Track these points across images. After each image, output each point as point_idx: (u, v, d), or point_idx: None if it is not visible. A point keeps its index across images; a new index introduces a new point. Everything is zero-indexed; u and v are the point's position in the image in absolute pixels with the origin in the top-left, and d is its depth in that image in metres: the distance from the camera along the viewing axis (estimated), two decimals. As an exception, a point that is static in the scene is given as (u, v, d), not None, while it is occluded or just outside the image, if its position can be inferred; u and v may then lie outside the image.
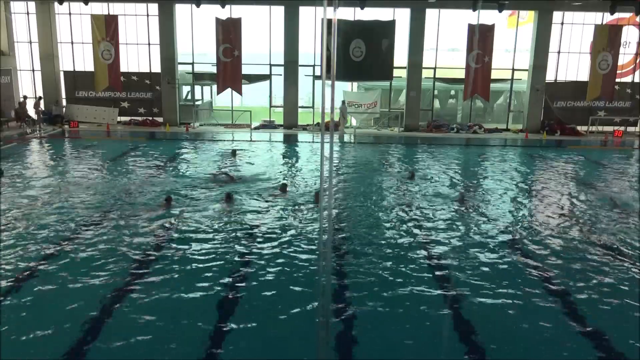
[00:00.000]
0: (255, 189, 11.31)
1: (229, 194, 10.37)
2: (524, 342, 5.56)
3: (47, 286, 6.47)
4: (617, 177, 13.80)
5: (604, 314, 6.17)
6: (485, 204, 10.70)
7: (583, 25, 21.11)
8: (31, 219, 8.90)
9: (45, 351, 5.18)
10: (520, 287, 6.76)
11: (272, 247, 7.99)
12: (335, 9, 2.93)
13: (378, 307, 6.14)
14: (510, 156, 16.88)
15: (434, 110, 22.79)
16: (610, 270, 7.35)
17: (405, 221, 9.42)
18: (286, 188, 11.08)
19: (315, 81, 21.43)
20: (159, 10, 20.38)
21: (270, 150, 16.84)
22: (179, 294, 6.31)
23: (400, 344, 5.45)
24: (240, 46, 20.00)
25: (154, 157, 14.96)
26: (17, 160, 14.11)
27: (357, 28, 19.79)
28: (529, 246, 8.29)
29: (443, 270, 7.35)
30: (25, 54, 21.37)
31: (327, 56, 3.64)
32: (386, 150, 17.53)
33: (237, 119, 21.85)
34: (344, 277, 6.96)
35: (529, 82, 21.23)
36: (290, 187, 11.43)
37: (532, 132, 20.93)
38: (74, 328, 5.53)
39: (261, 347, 5.33)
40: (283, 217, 9.44)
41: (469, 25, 20.04)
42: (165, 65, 20.84)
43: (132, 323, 5.67)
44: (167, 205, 9.75)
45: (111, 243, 7.90)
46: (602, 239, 8.60)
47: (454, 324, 5.92)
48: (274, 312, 5.98)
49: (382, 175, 13.26)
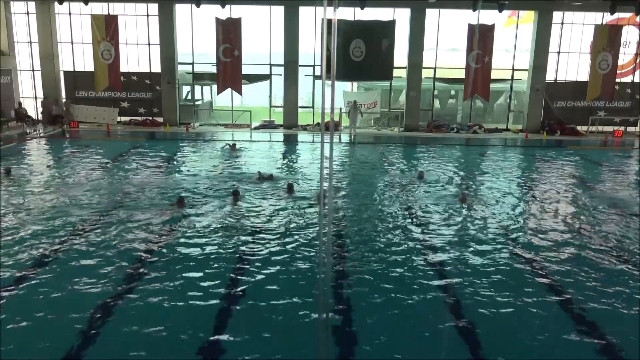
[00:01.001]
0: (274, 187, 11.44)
1: (235, 192, 10.61)
2: (525, 341, 5.57)
3: (46, 287, 6.48)
4: (616, 177, 13.81)
5: (604, 313, 6.19)
6: (487, 203, 10.70)
7: (583, 25, 21.12)
8: (30, 220, 8.91)
9: (50, 345, 5.19)
10: (520, 286, 6.77)
11: (277, 245, 8.02)
12: (335, 9, 2.93)
13: (378, 307, 6.15)
14: (510, 156, 16.88)
15: (434, 110, 22.79)
16: (609, 269, 7.37)
17: (414, 221, 9.43)
18: (293, 188, 11.10)
19: (315, 81, 21.44)
20: (159, 10, 20.38)
21: (288, 151, 17.01)
22: (179, 292, 6.33)
23: (400, 344, 5.45)
24: (240, 46, 20.01)
25: (156, 157, 14.98)
26: (17, 160, 14.09)
27: (357, 28, 19.80)
28: (530, 246, 8.29)
29: (445, 268, 7.36)
30: (25, 54, 21.38)
31: (327, 56, 3.64)
32: (392, 150, 17.49)
33: (237, 119, 21.86)
34: (346, 276, 6.98)
35: (529, 82, 21.23)
36: (301, 186, 11.57)
37: (532, 132, 20.94)
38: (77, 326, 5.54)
39: (261, 347, 5.34)
40: (288, 217, 9.45)
41: (469, 25, 20.04)
42: (165, 65, 20.84)
43: (131, 322, 5.69)
44: (180, 205, 9.79)
45: (124, 243, 7.96)
46: (603, 239, 8.60)
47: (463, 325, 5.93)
48: (273, 312, 5.99)
49: (390, 176, 13.27)
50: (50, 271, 6.92)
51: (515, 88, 22.30)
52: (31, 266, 7.04)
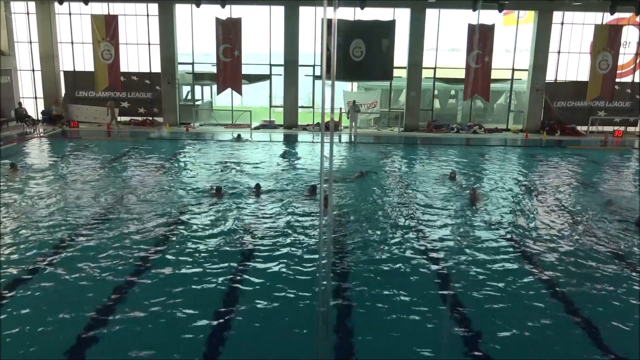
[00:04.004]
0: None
1: (258, 185, 10.97)
2: (527, 341, 5.57)
3: (48, 284, 6.48)
4: (616, 176, 13.82)
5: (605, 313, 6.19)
6: (489, 203, 10.71)
7: (583, 25, 21.11)
8: (36, 218, 8.94)
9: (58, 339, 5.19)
10: (521, 287, 6.77)
11: (279, 243, 8.03)
12: (335, 9, 2.93)
13: (379, 306, 6.15)
14: (510, 156, 16.88)
15: (434, 110, 22.78)
16: (608, 267, 7.37)
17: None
18: (315, 190, 10.90)
19: (315, 81, 21.44)
20: (159, 10, 20.38)
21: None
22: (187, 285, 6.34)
23: (400, 344, 5.45)
24: (240, 46, 20.00)
25: (157, 157, 15.02)
26: (17, 160, 14.10)
27: (357, 28, 19.79)
28: (531, 245, 8.29)
29: (446, 269, 7.36)
30: (25, 54, 21.37)
31: (327, 56, 3.63)
32: (392, 149, 17.51)
33: (237, 119, 21.85)
34: (347, 276, 6.98)
35: (529, 82, 21.23)
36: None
37: (532, 132, 20.93)
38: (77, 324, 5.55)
39: (261, 346, 5.34)
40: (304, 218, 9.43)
41: (469, 25, 20.03)
42: (165, 65, 20.84)
43: (131, 320, 5.69)
44: (218, 195, 10.23)
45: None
46: (602, 238, 8.61)
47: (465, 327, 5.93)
48: (274, 310, 5.99)
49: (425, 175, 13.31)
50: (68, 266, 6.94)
51: (515, 88, 22.29)
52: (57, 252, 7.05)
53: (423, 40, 20.57)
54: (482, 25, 20.39)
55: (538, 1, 20.20)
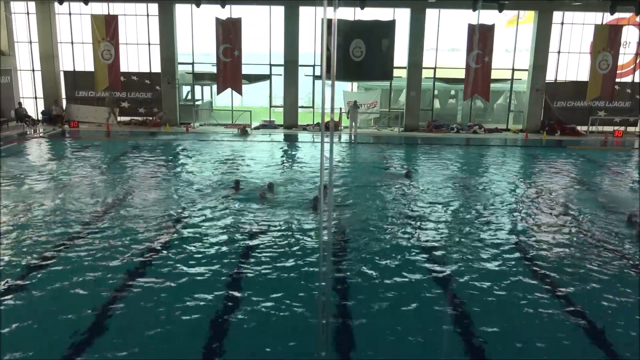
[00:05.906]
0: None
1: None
2: (527, 341, 5.57)
3: (48, 284, 6.49)
4: (616, 176, 13.81)
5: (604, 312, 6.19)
6: (486, 203, 10.71)
7: (583, 25, 21.11)
8: (36, 219, 8.94)
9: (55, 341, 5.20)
10: (521, 286, 6.77)
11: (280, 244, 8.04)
12: (335, 9, 2.93)
13: (378, 306, 6.15)
14: (510, 156, 16.87)
15: (434, 110, 22.79)
16: (607, 267, 7.37)
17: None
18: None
19: (315, 81, 21.44)
20: (159, 10, 20.38)
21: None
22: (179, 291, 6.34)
23: (401, 344, 5.46)
24: (240, 46, 20.01)
25: (160, 157, 15.02)
26: (17, 160, 14.10)
27: (357, 28, 19.80)
28: (532, 245, 8.30)
29: (445, 268, 7.37)
30: (25, 54, 21.37)
31: (327, 56, 3.65)
32: (392, 149, 17.52)
33: (237, 119, 21.85)
34: (347, 276, 6.98)
35: (529, 82, 21.23)
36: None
37: (532, 132, 20.94)
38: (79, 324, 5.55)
39: (261, 346, 5.34)
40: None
41: (469, 25, 20.04)
42: (165, 65, 20.84)
43: (131, 318, 5.69)
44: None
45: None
46: (602, 238, 8.62)
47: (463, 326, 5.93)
48: (273, 311, 6.00)
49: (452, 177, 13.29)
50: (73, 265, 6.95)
51: (515, 88, 22.29)
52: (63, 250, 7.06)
53: (423, 40, 20.57)
54: (482, 25, 20.40)
55: (538, 1, 20.21)
